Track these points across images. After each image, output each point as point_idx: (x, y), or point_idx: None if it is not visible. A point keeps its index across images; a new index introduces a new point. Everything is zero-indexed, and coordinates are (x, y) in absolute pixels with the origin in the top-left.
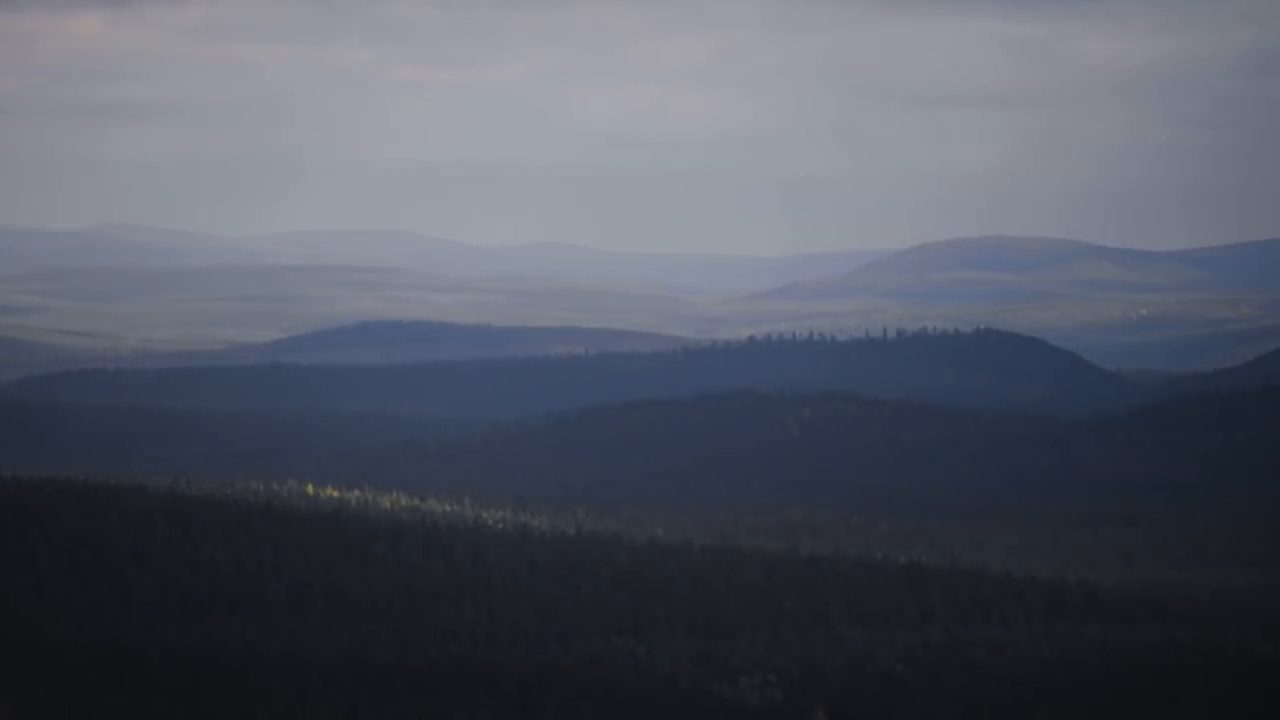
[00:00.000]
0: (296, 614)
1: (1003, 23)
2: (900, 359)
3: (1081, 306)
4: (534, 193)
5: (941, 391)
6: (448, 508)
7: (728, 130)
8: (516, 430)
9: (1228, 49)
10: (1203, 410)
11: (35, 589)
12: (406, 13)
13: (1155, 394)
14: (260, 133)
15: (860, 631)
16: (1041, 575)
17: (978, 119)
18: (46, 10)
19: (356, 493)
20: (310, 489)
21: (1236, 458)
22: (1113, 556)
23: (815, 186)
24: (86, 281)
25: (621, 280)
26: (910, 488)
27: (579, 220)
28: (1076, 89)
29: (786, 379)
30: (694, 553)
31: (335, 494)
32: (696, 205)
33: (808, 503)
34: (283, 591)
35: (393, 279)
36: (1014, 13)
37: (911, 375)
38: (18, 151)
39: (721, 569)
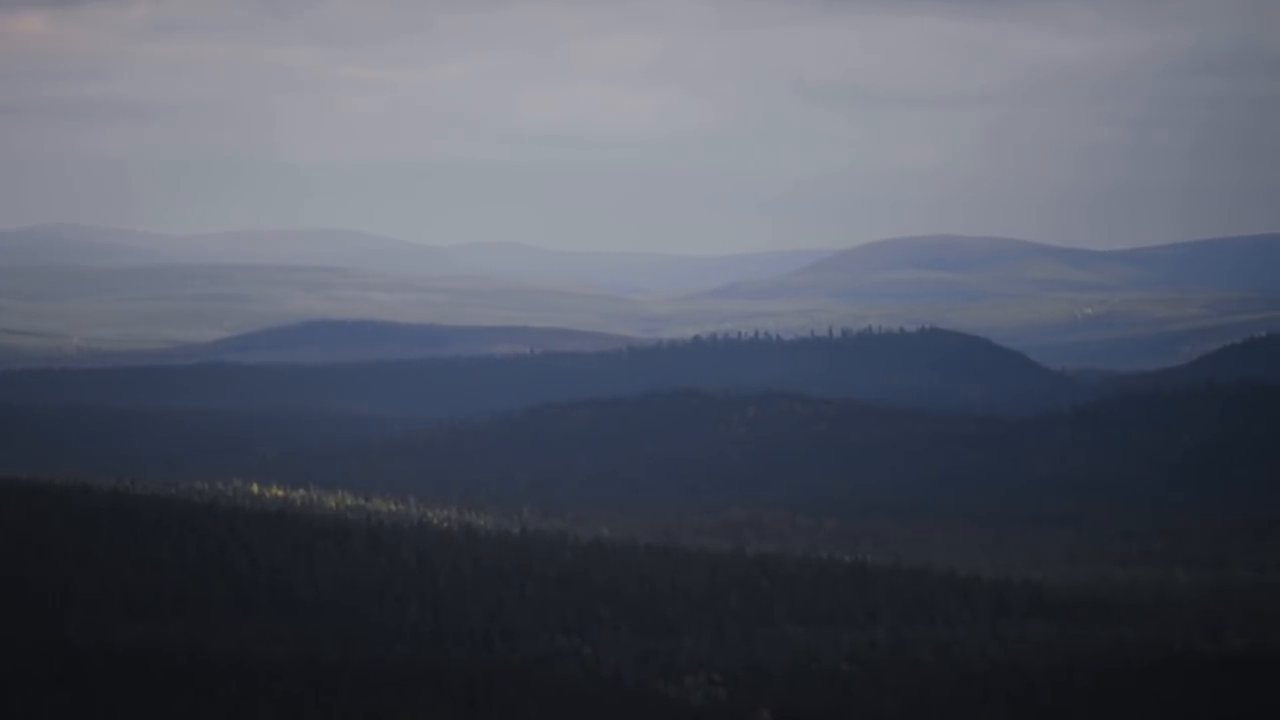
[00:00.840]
0: (242, 613)
1: (948, 22)
2: (845, 358)
3: (1026, 306)
4: (479, 192)
5: (886, 391)
6: (393, 507)
7: (672, 130)
8: (462, 429)
9: (1172, 48)
10: (1147, 410)
11: None
12: (352, 12)
13: (1100, 393)
14: (206, 132)
15: (805, 631)
16: (986, 575)
17: (923, 118)
18: None
19: (302, 492)
20: (255, 488)
21: (1181, 457)
22: (1057, 556)
23: (759, 186)
24: (31, 281)
25: (567, 279)
26: (855, 487)
27: (524, 220)
28: (1022, 88)
29: (731, 378)
30: (639, 552)
31: (280, 493)
32: (641, 205)
33: (753, 502)
34: (228, 590)
35: (338, 278)
36: (959, 12)
37: (856, 375)
38: None
39: (667, 568)
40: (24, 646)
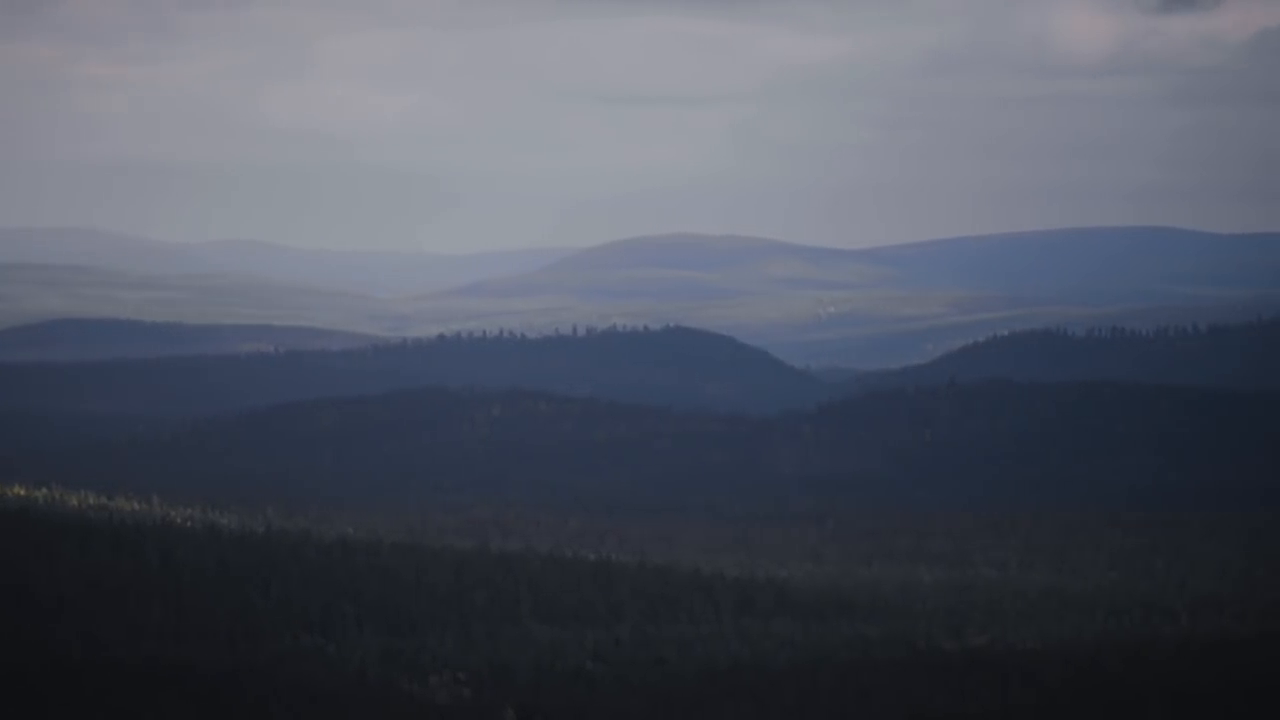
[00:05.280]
0: None
1: (687, 21)
2: (589, 357)
3: (770, 304)
4: (222, 191)
5: (630, 389)
6: (136, 506)
7: (416, 128)
8: (206, 428)
9: (910, 48)
10: (890, 407)
11: None
12: (91, 10)
13: (843, 391)
14: None
15: (550, 629)
16: (731, 572)
17: (664, 117)
18: None
19: (43, 491)
20: None
21: (924, 454)
22: (801, 553)
23: (502, 184)
24: None
25: (311, 278)
26: (599, 485)
27: (268, 218)
28: (761, 88)
29: (476, 377)
30: (383, 550)
31: (21, 492)
32: (386, 203)
33: (497, 500)
34: None
35: (80, 277)
36: (698, 12)
37: (600, 373)
38: None
39: (411, 566)
40: None
